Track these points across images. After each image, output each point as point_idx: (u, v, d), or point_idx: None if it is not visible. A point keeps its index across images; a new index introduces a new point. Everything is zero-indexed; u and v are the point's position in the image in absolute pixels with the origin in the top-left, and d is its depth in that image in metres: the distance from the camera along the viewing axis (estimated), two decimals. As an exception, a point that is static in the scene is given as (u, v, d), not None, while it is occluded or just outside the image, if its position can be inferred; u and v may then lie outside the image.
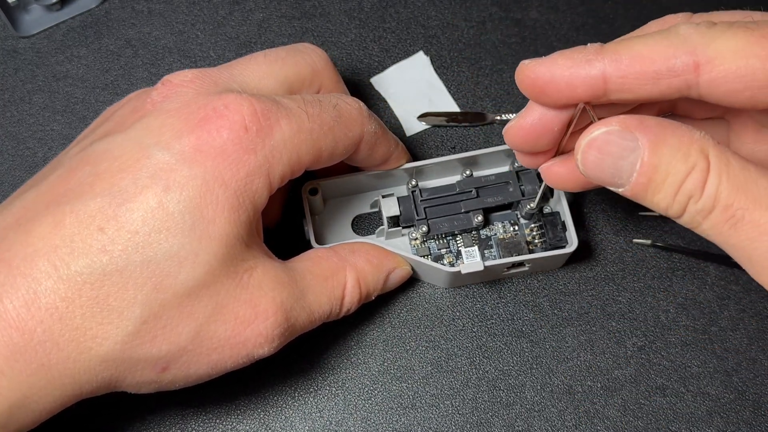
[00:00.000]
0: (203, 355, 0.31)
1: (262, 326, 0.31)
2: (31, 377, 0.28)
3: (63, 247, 0.28)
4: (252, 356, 0.32)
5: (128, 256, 0.29)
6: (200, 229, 0.29)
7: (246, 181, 0.30)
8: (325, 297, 0.34)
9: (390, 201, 0.39)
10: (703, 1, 0.47)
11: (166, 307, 0.29)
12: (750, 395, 0.38)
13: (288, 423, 0.38)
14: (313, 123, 0.32)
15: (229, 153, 0.30)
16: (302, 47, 0.37)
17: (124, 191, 0.29)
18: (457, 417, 0.38)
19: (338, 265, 0.35)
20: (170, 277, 0.29)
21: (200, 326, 0.30)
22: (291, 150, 0.32)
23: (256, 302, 0.31)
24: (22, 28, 0.45)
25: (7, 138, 0.43)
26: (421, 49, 0.45)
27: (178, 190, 0.29)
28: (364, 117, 0.35)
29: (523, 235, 0.39)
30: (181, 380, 0.31)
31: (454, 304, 0.40)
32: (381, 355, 0.39)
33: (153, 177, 0.29)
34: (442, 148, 0.43)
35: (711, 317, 0.40)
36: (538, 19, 0.46)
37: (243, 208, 0.30)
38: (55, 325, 0.28)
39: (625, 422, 0.38)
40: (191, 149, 0.30)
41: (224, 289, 0.30)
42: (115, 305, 0.28)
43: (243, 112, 0.30)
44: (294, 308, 0.32)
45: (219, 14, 0.46)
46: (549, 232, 0.39)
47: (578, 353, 0.39)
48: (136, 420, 0.37)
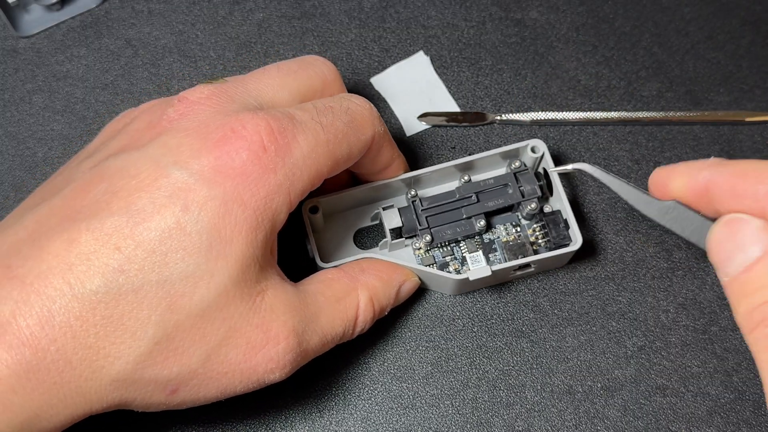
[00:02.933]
0: (213, 380, 0.30)
1: (273, 351, 0.31)
2: (43, 395, 0.28)
3: (78, 265, 0.28)
4: (263, 382, 0.31)
5: (144, 275, 0.28)
6: (217, 250, 0.29)
7: (266, 201, 0.30)
8: (338, 319, 0.34)
9: (391, 213, 0.38)
10: (702, 1, 0.47)
11: (179, 328, 0.29)
12: (750, 395, 0.38)
13: (288, 423, 0.38)
14: (328, 133, 0.32)
15: (249, 173, 0.30)
16: (312, 60, 0.36)
17: (141, 210, 0.29)
18: (457, 417, 0.38)
19: (350, 286, 0.35)
20: (185, 297, 0.29)
21: (212, 349, 0.30)
22: (310, 165, 0.31)
23: (268, 326, 0.31)
24: (22, 28, 0.45)
25: (7, 138, 0.43)
26: (421, 49, 0.45)
27: (196, 210, 0.29)
28: (375, 117, 0.35)
29: (526, 236, 0.39)
30: (190, 403, 0.31)
31: (454, 305, 0.40)
32: (381, 355, 0.39)
33: (171, 197, 0.29)
34: (442, 148, 0.43)
35: (711, 317, 0.40)
36: (538, 19, 0.46)
37: (261, 228, 0.30)
38: (69, 344, 0.28)
39: (625, 422, 0.38)
40: (210, 169, 0.29)
41: (237, 312, 0.30)
42: (129, 325, 0.28)
43: (261, 132, 0.30)
44: (306, 332, 0.32)
45: (219, 14, 0.46)
46: (552, 231, 0.38)
47: (578, 353, 0.39)
48: (135, 419, 0.37)
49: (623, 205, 0.42)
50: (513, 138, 0.43)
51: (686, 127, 0.44)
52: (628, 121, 0.44)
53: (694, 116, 0.44)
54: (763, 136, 0.44)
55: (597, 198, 0.42)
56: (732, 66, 0.45)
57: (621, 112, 0.44)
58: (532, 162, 0.39)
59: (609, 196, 0.42)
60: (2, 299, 0.27)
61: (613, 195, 0.42)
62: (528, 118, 0.43)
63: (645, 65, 0.45)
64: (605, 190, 0.42)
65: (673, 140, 0.43)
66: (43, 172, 0.43)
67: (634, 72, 0.45)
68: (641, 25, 0.46)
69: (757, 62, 0.45)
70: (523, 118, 0.43)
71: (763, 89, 0.45)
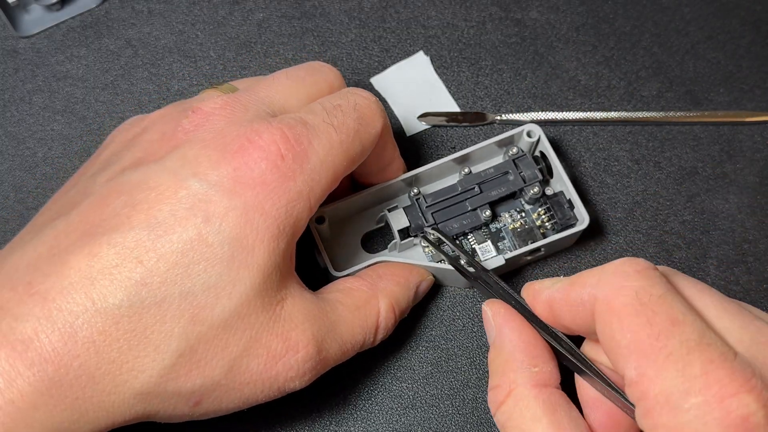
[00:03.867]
0: (236, 390, 0.30)
1: (293, 360, 0.31)
2: (65, 411, 0.28)
3: (101, 279, 0.28)
4: (283, 390, 0.32)
5: (167, 288, 0.28)
6: (239, 260, 0.29)
7: (287, 209, 0.30)
8: (358, 327, 0.34)
9: (397, 214, 0.38)
10: (702, 1, 0.47)
11: (202, 340, 0.29)
12: (750, 395, 0.38)
13: (288, 423, 0.38)
14: (341, 134, 0.32)
15: (269, 182, 0.30)
16: (318, 66, 0.37)
17: (162, 223, 0.29)
18: (457, 417, 0.38)
19: (369, 294, 0.35)
20: (207, 308, 0.29)
21: (234, 360, 0.30)
22: (328, 168, 0.32)
23: (288, 335, 0.31)
24: (22, 28, 0.45)
25: (7, 138, 0.43)
26: (421, 49, 0.45)
27: (217, 221, 0.29)
28: (381, 110, 0.35)
29: (532, 221, 0.39)
30: (212, 413, 0.31)
31: (454, 305, 0.40)
32: (381, 355, 0.39)
33: (192, 208, 0.29)
34: (442, 148, 0.43)
35: (711, 317, 0.40)
36: (538, 19, 0.46)
37: (283, 236, 0.30)
38: (92, 359, 0.28)
39: (625, 422, 0.38)
40: (230, 180, 0.29)
41: (258, 321, 0.30)
42: (152, 338, 0.28)
43: (277, 141, 0.30)
44: (326, 340, 0.32)
45: (219, 14, 0.46)
46: (557, 212, 0.38)
47: (578, 353, 0.39)
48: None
49: (623, 205, 0.42)
50: (513, 138, 0.43)
51: (686, 127, 0.44)
52: (628, 121, 0.44)
53: (694, 116, 0.44)
54: (763, 136, 0.44)
55: (597, 198, 0.42)
56: (732, 66, 0.45)
57: (621, 112, 0.44)
58: (529, 147, 0.39)
59: (609, 196, 0.42)
60: (24, 316, 0.27)
61: (613, 195, 0.42)
62: (528, 118, 0.43)
63: (645, 65, 0.45)
64: (605, 190, 0.42)
65: (673, 140, 0.43)
66: (43, 172, 0.43)
67: (634, 72, 0.45)
68: (641, 25, 0.46)
69: (757, 62, 0.45)
70: (523, 118, 0.43)
71: (763, 89, 0.45)
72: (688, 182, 0.42)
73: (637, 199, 0.42)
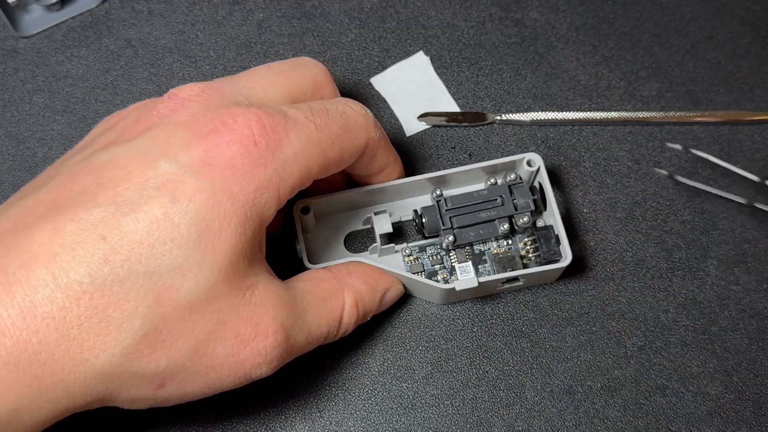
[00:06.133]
0: (201, 374, 0.30)
1: (261, 346, 0.31)
2: (23, 388, 0.27)
3: (63, 254, 0.28)
4: (249, 377, 0.31)
5: (131, 266, 0.28)
6: (206, 242, 0.29)
7: (255, 195, 0.30)
8: (324, 318, 0.34)
9: (383, 218, 0.38)
10: (702, 1, 0.47)
11: (167, 320, 0.29)
12: (750, 395, 0.38)
13: (288, 423, 0.38)
14: (321, 133, 0.32)
15: (239, 167, 0.30)
16: (303, 61, 0.36)
17: (129, 201, 0.28)
18: (457, 417, 0.38)
19: (336, 287, 0.35)
20: (173, 289, 0.28)
21: (200, 342, 0.29)
22: (301, 163, 0.31)
23: (257, 320, 0.31)
24: (22, 28, 0.45)
25: (7, 138, 0.43)
26: (421, 49, 0.45)
27: (185, 201, 0.29)
28: (370, 123, 0.35)
29: (517, 250, 0.39)
30: (176, 399, 0.31)
31: (454, 305, 0.40)
32: (381, 355, 0.39)
33: (160, 188, 0.29)
34: (442, 148, 0.43)
35: (711, 317, 0.40)
36: (538, 19, 0.46)
37: (250, 222, 0.30)
38: (51, 336, 0.27)
39: (625, 422, 0.38)
40: (199, 161, 0.29)
41: (226, 305, 0.30)
42: (114, 316, 0.28)
43: (252, 126, 0.30)
44: (293, 328, 0.32)
45: (219, 14, 0.46)
46: (543, 245, 0.38)
47: (578, 353, 0.39)
48: (134, 420, 0.37)
49: (623, 205, 0.42)
50: (513, 138, 0.43)
51: (686, 127, 0.44)
52: (628, 121, 0.44)
53: (694, 116, 0.44)
54: (763, 136, 0.44)
55: (597, 198, 0.42)
56: (732, 66, 0.45)
57: (621, 112, 0.44)
58: (528, 176, 0.39)
59: (609, 196, 0.42)
60: None
61: (613, 195, 0.42)
62: (528, 118, 0.43)
63: (645, 65, 0.45)
64: (605, 190, 0.42)
65: (673, 140, 0.43)
66: (43, 172, 0.43)
67: (634, 72, 0.45)
68: (641, 25, 0.46)
69: (757, 62, 0.45)
70: (523, 118, 0.43)
71: (763, 89, 0.45)
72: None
73: (637, 199, 0.42)
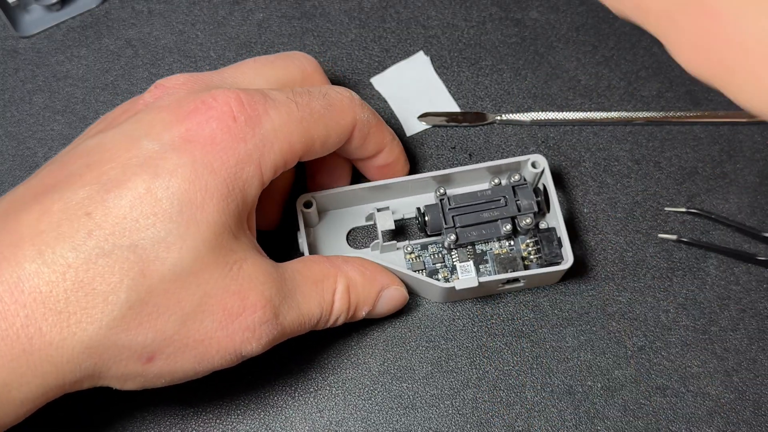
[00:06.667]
0: (189, 348, 0.30)
1: (249, 320, 0.31)
2: (11, 362, 0.28)
3: (49, 232, 0.28)
4: (239, 352, 0.31)
5: (115, 240, 0.28)
6: (188, 215, 0.29)
7: (236, 170, 0.31)
8: (315, 300, 0.34)
9: (385, 215, 0.38)
10: (703, 1, 0.47)
11: (152, 293, 0.29)
12: (750, 395, 0.38)
13: (288, 423, 0.38)
14: (302, 111, 0.33)
15: (218, 142, 0.30)
16: (292, 53, 0.37)
17: (113, 179, 0.29)
18: (457, 417, 0.38)
19: (330, 271, 0.35)
20: (157, 262, 0.29)
21: (187, 315, 0.30)
22: (282, 139, 0.32)
23: (245, 294, 0.31)
24: (22, 28, 0.45)
25: (7, 138, 0.43)
26: (421, 49, 0.45)
27: (167, 176, 0.29)
28: (356, 105, 0.35)
29: (518, 251, 0.39)
30: (167, 375, 0.31)
31: (455, 304, 0.40)
32: (381, 355, 0.39)
33: (142, 165, 0.29)
34: (442, 148, 0.43)
35: (711, 317, 0.40)
36: (538, 19, 0.46)
37: (232, 197, 0.31)
38: (39, 310, 0.28)
39: (625, 422, 0.38)
40: (180, 139, 0.30)
41: (212, 278, 0.30)
42: (100, 290, 0.28)
43: (231, 103, 0.31)
44: (283, 305, 0.32)
45: (219, 14, 0.46)
46: (545, 247, 0.38)
47: (578, 353, 0.39)
48: (135, 420, 0.37)
49: (623, 205, 0.42)
50: (513, 138, 0.43)
51: (686, 127, 0.44)
52: (628, 121, 0.44)
53: (694, 116, 0.44)
54: (763, 136, 0.44)
55: (597, 198, 0.42)
56: (732, 66, 0.45)
57: (621, 112, 0.44)
58: (532, 177, 0.39)
59: (609, 196, 0.42)
60: None
61: (613, 195, 0.42)
62: (528, 118, 0.43)
63: (645, 65, 0.45)
64: (605, 190, 0.42)
65: (673, 140, 0.43)
66: (43, 172, 0.43)
67: (634, 72, 0.45)
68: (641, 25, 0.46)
69: (757, 62, 0.45)
70: (523, 118, 0.43)
71: (763, 89, 0.45)
72: (688, 182, 0.42)
73: (637, 199, 0.42)
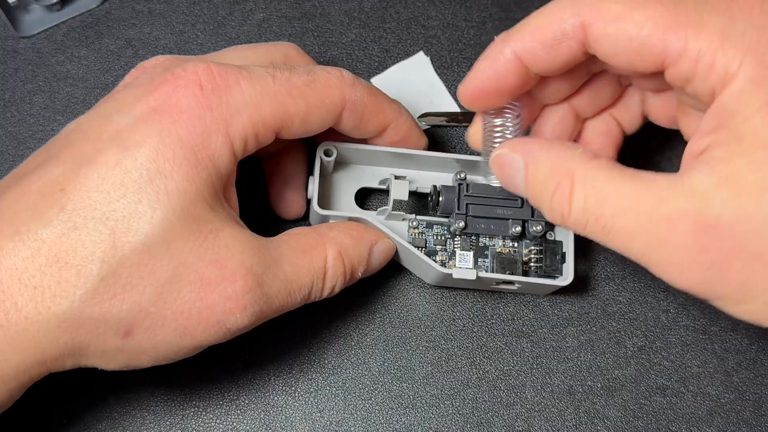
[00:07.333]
0: (169, 320, 0.30)
1: (230, 289, 0.30)
2: None
3: (26, 210, 0.29)
4: (223, 324, 0.31)
5: (87, 213, 0.29)
6: (157, 184, 0.29)
7: (203, 138, 0.30)
8: (304, 269, 0.33)
9: (402, 184, 0.38)
10: (703, 1, 0.47)
11: (125, 264, 0.29)
12: (750, 395, 0.38)
13: (288, 423, 0.38)
14: (279, 85, 0.32)
15: (185, 110, 0.30)
16: (276, 42, 0.37)
17: (86, 155, 0.30)
18: (458, 417, 0.38)
19: (317, 240, 0.34)
20: (130, 233, 0.29)
21: (162, 286, 0.30)
22: (252, 110, 0.31)
23: (223, 263, 0.30)
24: (22, 28, 0.45)
25: (7, 138, 0.43)
26: (421, 49, 0.45)
27: (135, 147, 0.30)
28: (346, 84, 0.34)
29: (521, 254, 0.38)
30: (150, 350, 0.31)
31: (455, 304, 0.40)
32: (381, 355, 0.39)
33: (113, 139, 0.30)
34: (442, 148, 0.43)
35: (711, 317, 0.40)
36: (538, 19, 0.46)
37: (202, 165, 0.30)
38: (14, 285, 0.28)
39: (626, 422, 0.38)
40: (148, 110, 0.30)
41: (186, 247, 0.30)
42: (73, 263, 0.28)
43: (199, 73, 0.31)
44: (266, 275, 0.32)
45: (219, 14, 0.46)
46: (547, 258, 0.38)
47: (578, 353, 0.39)
48: (135, 420, 0.37)
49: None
50: (513, 138, 0.43)
51: (686, 127, 0.44)
52: (628, 121, 0.43)
53: (694, 116, 0.43)
54: (763, 136, 0.44)
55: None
56: (732, 66, 0.45)
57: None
58: None
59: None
60: None
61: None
62: (528, 118, 0.43)
63: (645, 65, 0.45)
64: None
65: (673, 140, 0.43)
66: (44, 172, 0.43)
67: (634, 72, 0.45)
68: (641, 25, 0.46)
69: (757, 62, 0.45)
70: (523, 118, 0.43)
71: (763, 89, 0.45)
72: (688, 182, 0.42)
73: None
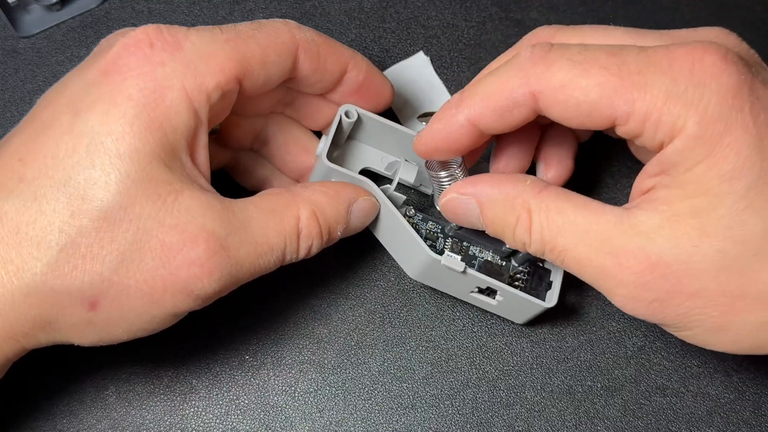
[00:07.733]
0: (134, 289, 0.29)
1: (193, 254, 0.29)
2: None
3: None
4: (191, 290, 0.30)
5: (43, 182, 0.29)
6: (110, 147, 0.29)
7: (155, 95, 0.30)
8: (273, 230, 0.32)
9: (410, 168, 0.38)
10: (702, 1, 0.47)
11: (83, 233, 0.28)
12: (750, 395, 0.38)
13: (288, 423, 0.38)
14: (227, 33, 0.32)
15: (134, 68, 0.30)
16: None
17: (43, 123, 0.30)
18: (457, 417, 0.38)
19: (289, 200, 0.33)
20: (86, 200, 0.29)
21: (123, 255, 0.29)
22: (207, 61, 0.31)
23: (183, 228, 0.29)
24: (22, 28, 0.45)
25: (7, 138, 0.43)
26: (421, 49, 0.45)
27: (86, 111, 0.29)
28: (292, 26, 0.34)
29: (507, 269, 0.37)
30: (120, 321, 0.30)
31: (454, 304, 0.40)
32: (381, 355, 0.39)
33: (68, 104, 0.30)
34: (442, 148, 0.43)
35: (711, 317, 0.40)
36: (538, 19, 0.46)
37: (156, 124, 0.30)
38: None
39: (625, 422, 0.38)
40: (99, 72, 0.30)
41: (145, 212, 0.29)
42: (32, 235, 0.28)
43: (148, 32, 0.31)
44: (231, 238, 0.30)
45: (219, 14, 0.46)
46: (532, 281, 0.37)
47: (578, 353, 0.39)
48: (135, 420, 0.37)
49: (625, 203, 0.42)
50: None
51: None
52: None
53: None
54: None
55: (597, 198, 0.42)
56: (732, 66, 0.45)
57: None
58: None
59: (609, 196, 0.42)
60: None
61: (613, 195, 0.42)
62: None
63: (645, 65, 0.45)
64: (605, 190, 0.42)
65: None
66: (43, 172, 0.43)
67: (634, 72, 0.45)
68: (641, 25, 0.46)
69: (757, 62, 0.45)
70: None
71: (763, 89, 0.45)
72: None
73: (637, 199, 0.42)
